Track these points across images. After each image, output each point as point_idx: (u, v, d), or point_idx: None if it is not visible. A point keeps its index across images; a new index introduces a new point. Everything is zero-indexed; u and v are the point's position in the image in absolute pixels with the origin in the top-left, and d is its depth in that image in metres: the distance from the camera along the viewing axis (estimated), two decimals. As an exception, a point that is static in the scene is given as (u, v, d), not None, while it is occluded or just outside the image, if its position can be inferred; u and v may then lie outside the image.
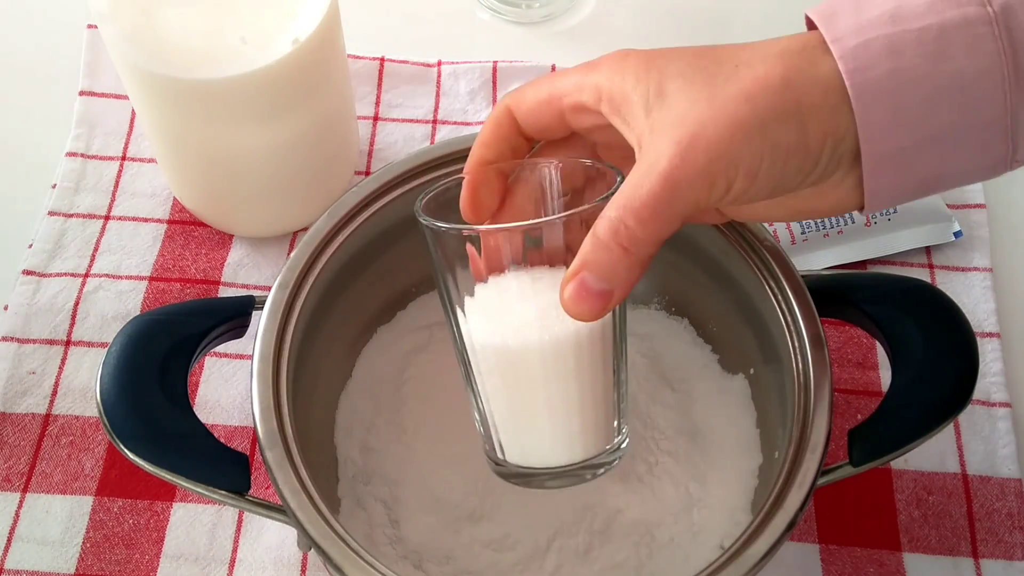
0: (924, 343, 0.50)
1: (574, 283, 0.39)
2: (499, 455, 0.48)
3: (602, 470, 0.47)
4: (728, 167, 0.37)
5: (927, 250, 0.67)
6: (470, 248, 0.44)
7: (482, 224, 0.46)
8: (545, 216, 0.46)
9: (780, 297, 0.52)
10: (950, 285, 0.66)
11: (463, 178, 0.46)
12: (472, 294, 0.45)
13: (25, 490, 0.59)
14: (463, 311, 0.45)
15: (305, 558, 0.57)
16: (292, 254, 0.53)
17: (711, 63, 0.39)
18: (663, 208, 0.38)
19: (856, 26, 0.38)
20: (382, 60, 0.75)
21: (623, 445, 0.48)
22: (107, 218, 0.69)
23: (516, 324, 0.43)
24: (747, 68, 0.38)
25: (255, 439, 0.49)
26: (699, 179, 0.37)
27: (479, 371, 0.46)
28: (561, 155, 0.46)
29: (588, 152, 0.46)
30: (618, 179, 0.42)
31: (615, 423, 0.47)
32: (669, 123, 0.38)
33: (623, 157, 0.43)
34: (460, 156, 0.56)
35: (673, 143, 0.37)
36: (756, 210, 0.43)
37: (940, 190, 0.41)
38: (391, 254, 0.58)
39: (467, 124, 0.73)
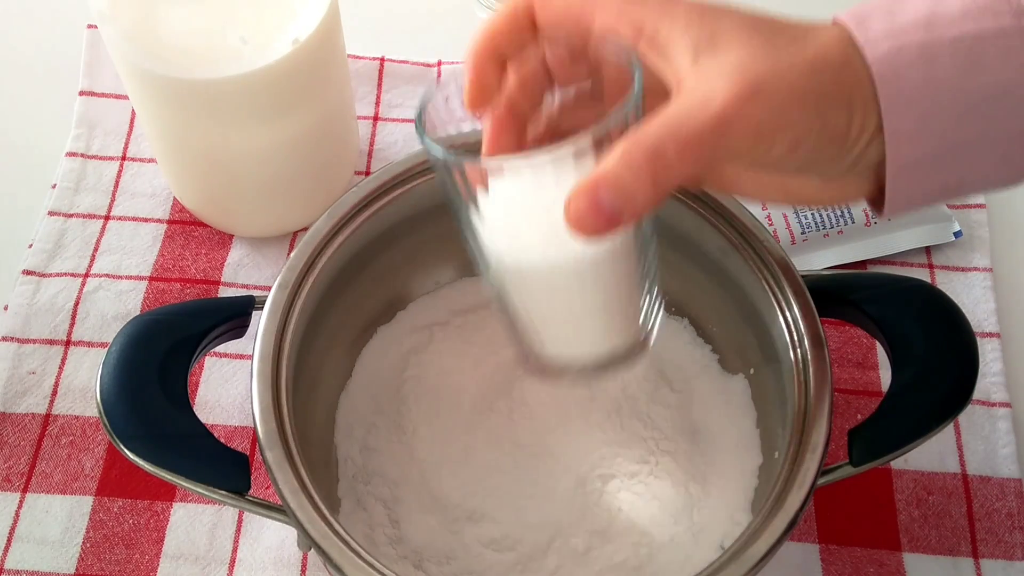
0: (924, 343, 0.50)
1: (586, 199, 0.36)
2: (525, 352, 0.46)
3: (631, 361, 0.45)
4: (779, 131, 0.36)
5: (927, 250, 0.67)
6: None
7: (482, 111, 0.43)
8: (555, 100, 0.43)
9: (780, 297, 0.52)
10: (950, 285, 0.66)
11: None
12: (485, 189, 0.41)
13: (25, 490, 0.59)
14: (477, 214, 0.41)
15: (305, 558, 0.57)
16: (292, 254, 0.53)
17: (768, 28, 0.37)
18: (707, 148, 0.36)
19: (888, 30, 0.37)
20: (382, 60, 0.75)
21: (653, 331, 0.46)
22: (107, 218, 0.69)
23: (530, 242, 0.41)
24: (808, 40, 0.37)
25: (255, 439, 0.49)
26: (750, 131, 0.36)
27: (495, 278, 0.43)
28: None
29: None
30: (636, 74, 0.38)
31: (645, 309, 0.45)
32: (725, 68, 0.36)
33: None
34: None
35: (732, 85, 0.36)
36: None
37: (959, 196, 0.41)
38: (391, 254, 0.58)
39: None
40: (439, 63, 0.75)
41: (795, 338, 0.51)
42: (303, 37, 0.56)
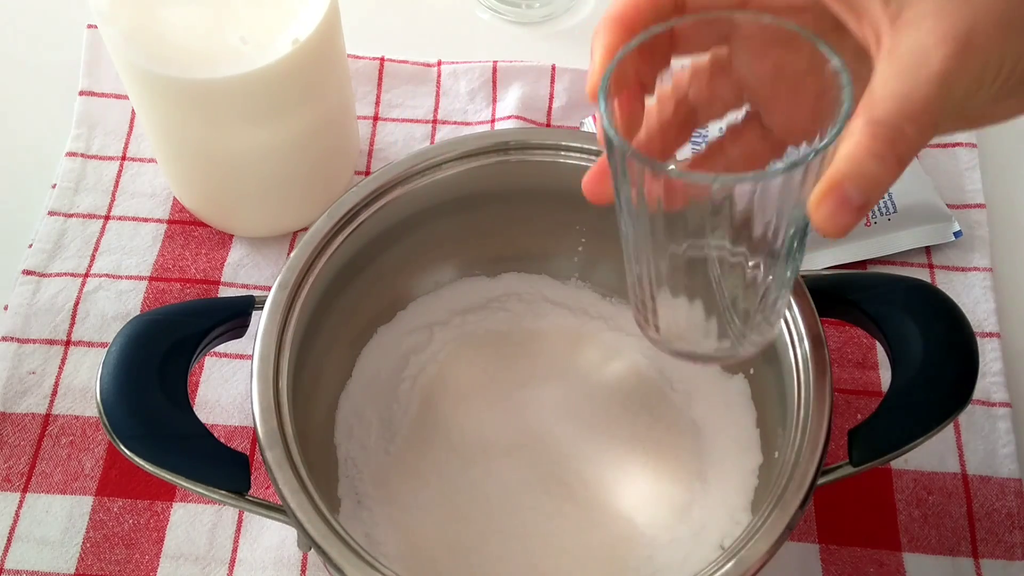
0: (924, 343, 0.50)
1: (833, 198, 0.34)
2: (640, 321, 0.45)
3: (734, 358, 0.45)
4: (999, 67, 0.34)
5: (927, 250, 0.67)
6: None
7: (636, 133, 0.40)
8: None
9: (780, 297, 0.52)
10: (950, 285, 0.66)
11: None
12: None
13: (25, 490, 0.59)
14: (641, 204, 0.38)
15: (305, 558, 0.57)
16: (292, 254, 0.53)
17: None
18: (936, 112, 0.34)
19: None
20: (382, 60, 0.75)
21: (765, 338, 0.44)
22: (107, 218, 0.69)
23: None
24: None
25: (255, 439, 0.49)
26: (974, 81, 0.34)
27: (635, 250, 0.41)
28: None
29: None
30: (843, 77, 0.35)
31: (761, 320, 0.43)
32: (926, 14, 0.34)
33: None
34: (460, 156, 0.57)
35: (942, 40, 0.33)
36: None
37: None
38: (391, 254, 0.58)
39: (467, 124, 0.73)
40: (439, 63, 0.75)
41: (795, 338, 0.50)
42: (303, 37, 0.56)
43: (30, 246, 0.67)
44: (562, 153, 0.57)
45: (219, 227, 0.68)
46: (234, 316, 0.53)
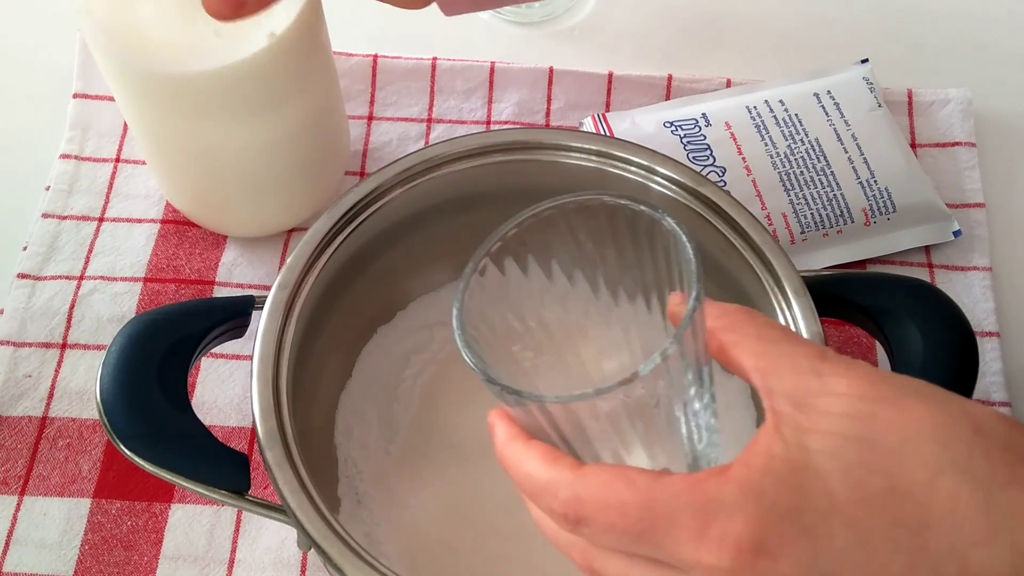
0: (924, 343, 0.50)
1: None
2: None
3: None
4: None
5: (926, 249, 0.67)
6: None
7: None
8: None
9: (780, 297, 0.52)
10: (949, 284, 0.66)
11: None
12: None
13: (22, 493, 0.59)
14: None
15: (305, 558, 0.57)
16: (292, 254, 0.53)
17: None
18: None
19: None
20: (375, 57, 0.75)
21: None
22: (101, 220, 0.68)
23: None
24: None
25: (253, 440, 0.48)
26: None
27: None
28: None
29: None
30: (693, 294, 0.37)
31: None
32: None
33: None
34: (460, 156, 0.56)
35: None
36: None
37: None
38: (391, 254, 0.58)
39: (462, 123, 0.73)
40: (434, 59, 0.75)
41: (796, 337, 0.50)
42: (279, 31, 0.55)
43: (24, 249, 0.67)
44: (562, 153, 0.57)
45: (209, 227, 0.68)
46: (234, 316, 0.53)
